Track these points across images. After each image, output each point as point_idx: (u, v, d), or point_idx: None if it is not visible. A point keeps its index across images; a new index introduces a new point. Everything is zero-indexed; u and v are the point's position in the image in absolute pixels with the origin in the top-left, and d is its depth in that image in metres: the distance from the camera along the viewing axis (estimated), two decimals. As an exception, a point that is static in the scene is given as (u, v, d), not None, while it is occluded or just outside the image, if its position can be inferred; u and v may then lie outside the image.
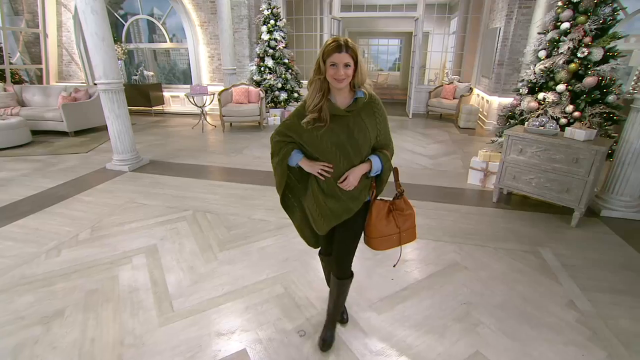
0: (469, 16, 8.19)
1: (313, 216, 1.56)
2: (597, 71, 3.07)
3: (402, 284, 2.32)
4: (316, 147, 1.41)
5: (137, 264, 2.51)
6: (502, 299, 2.18)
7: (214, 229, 3.00)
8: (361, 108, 1.40)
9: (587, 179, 2.86)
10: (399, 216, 1.55)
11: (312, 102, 1.36)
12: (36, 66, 8.43)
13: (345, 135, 1.38)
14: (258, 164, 4.74)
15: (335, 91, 1.38)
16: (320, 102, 1.35)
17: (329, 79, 1.32)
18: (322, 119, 1.36)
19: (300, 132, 1.42)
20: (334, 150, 1.38)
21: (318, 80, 1.35)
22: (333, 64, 1.29)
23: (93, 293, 2.17)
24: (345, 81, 1.31)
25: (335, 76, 1.30)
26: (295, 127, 1.43)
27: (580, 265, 2.50)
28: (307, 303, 2.12)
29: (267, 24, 6.93)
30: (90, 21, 3.74)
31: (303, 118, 1.39)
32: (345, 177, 1.42)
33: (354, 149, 1.40)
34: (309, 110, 1.37)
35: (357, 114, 1.39)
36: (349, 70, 1.31)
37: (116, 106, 4.24)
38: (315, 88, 1.36)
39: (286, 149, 1.48)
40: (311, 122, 1.36)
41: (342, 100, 1.40)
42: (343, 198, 1.47)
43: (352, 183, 1.42)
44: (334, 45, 1.28)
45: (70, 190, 3.79)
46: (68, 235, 2.85)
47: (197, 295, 2.19)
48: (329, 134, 1.37)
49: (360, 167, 1.43)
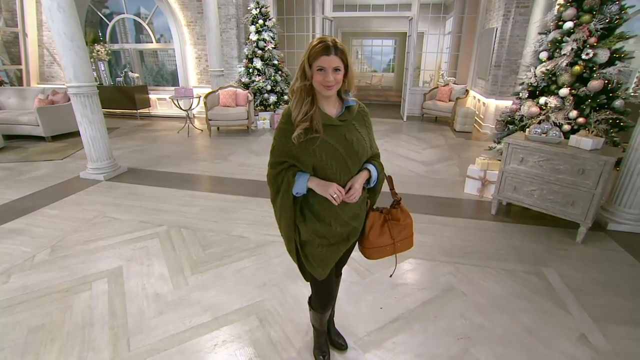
0: (464, 16, 7.98)
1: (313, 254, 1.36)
2: (603, 74, 2.84)
3: (392, 313, 2.06)
4: (310, 164, 1.23)
5: (97, 291, 2.24)
6: (504, 331, 1.93)
7: (188, 247, 2.73)
8: (354, 117, 1.27)
9: (594, 191, 2.63)
10: (394, 226, 1.42)
11: (301, 110, 1.19)
12: (16, 67, 8.09)
13: (343, 148, 1.23)
14: (243, 172, 4.47)
15: (322, 99, 1.22)
16: (310, 111, 1.18)
17: (316, 85, 1.16)
18: (315, 129, 1.18)
19: (294, 153, 1.24)
20: (332, 165, 1.22)
21: (304, 86, 1.18)
22: (320, 69, 1.13)
23: (37, 330, 1.89)
24: (334, 88, 1.16)
25: (324, 82, 1.14)
26: (287, 147, 1.24)
27: (590, 290, 2.27)
28: (283, 339, 1.86)
29: (256, 23, 6.66)
30: (57, 19, 3.45)
31: (291, 133, 1.20)
32: (349, 186, 1.25)
33: (354, 162, 1.26)
34: (298, 120, 1.19)
35: (349, 123, 1.26)
36: (339, 75, 1.15)
37: (89, 111, 3.95)
38: (301, 96, 1.19)
39: (289, 174, 1.26)
40: (303, 135, 1.18)
41: (331, 109, 1.25)
42: (345, 218, 1.31)
43: (358, 191, 1.26)
44: (321, 46, 1.12)
45: (35, 202, 3.49)
46: (23, 257, 2.56)
47: (160, 330, 1.92)
48: (325, 147, 1.20)
49: (360, 175, 1.28)
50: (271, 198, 1.37)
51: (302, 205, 1.33)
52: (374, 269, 2.44)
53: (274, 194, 1.34)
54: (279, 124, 1.28)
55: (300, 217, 1.34)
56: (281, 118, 1.27)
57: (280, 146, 1.27)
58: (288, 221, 1.34)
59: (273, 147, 1.30)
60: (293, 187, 1.25)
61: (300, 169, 1.27)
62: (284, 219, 1.35)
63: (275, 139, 1.29)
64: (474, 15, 7.60)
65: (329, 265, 1.38)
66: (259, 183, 4.08)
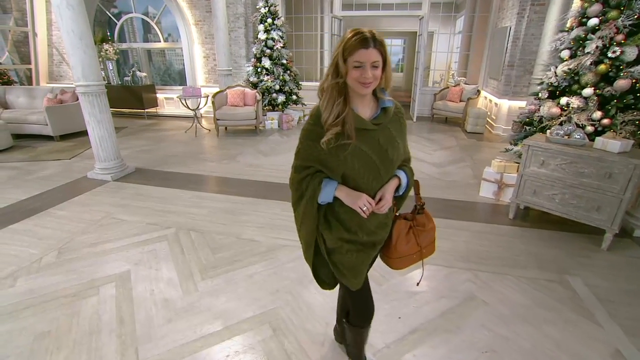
0: (475, 15, 7.83)
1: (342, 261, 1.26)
2: (631, 73, 2.71)
3: (411, 324, 1.96)
4: (340, 172, 1.13)
5: (105, 296, 2.17)
6: (530, 345, 1.82)
7: (198, 251, 2.66)
8: (389, 120, 1.15)
9: (622, 196, 2.50)
10: (420, 233, 1.34)
11: (332, 112, 1.07)
12: (25, 66, 8.12)
13: (376, 155, 1.12)
14: (251, 173, 4.40)
15: (356, 99, 1.11)
16: (343, 113, 1.07)
17: (352, 83, 1.05)
18: (347, 134, 1.06)
19: (322, 158, 1.13)
20: (363, 174, 1.12)
21: (336, 85, 1.06)
22: (358, 64, 1.01)
23: (43, 337, 1.83)
24: (372, 85, 1.05)
25: (361, 79, 1.02)
26: (315, 152, 1.13)
27: (620, 301, 2.14)
28: (298, 350, 1.77)
29: (264, 22, 6.59)
30: (65, 17, 3.40)
31: (319, 136, 1.09)
32: (379, 197, 1.16)
33: (387, 170, 1.16)
34: (329, 123, 1.07)
35: (384, 127, 1.14)
36: (377, 72, 1.03)
37: (97, 110, 3.90)
38: (332, 95, 1.07)
39: (315, 182, 1.16)
40: (333, 140, 1.07)
41: (365, 110, 1.14)
42: (372, 228, 1.22)
43: (389, 202, 1.17)
44: (358, 39, 0.99)
45: (43, 202, 3.45)
46: (30, 259, 2.51)
47: (170, 339, 1.85)
48: (358, 154, 1.09)
49: (391, 184, 1.19)
50: (293, 202, 1.27)
51: (327, 213, 1.23)
52: (390, 275, 2.34)
53: (296, 199, 1.24)
54: (306, 125, 1.16)
55: (325, 225, 1.24)
56: (309, 119, 1.16)
57: (307, 150, 1.16)
58: (310, 228, 1.25)
59: (298, 150, 1.20)
60: (319, 195, 1.16)
61: (327, 175, 1.17)
62: (306, 225, 1.26)
63: (302, 140, 1.18)
64: (485, 14, 7.45)
65: (361, 272, 1.29)
66: (267, 184, 4.00)
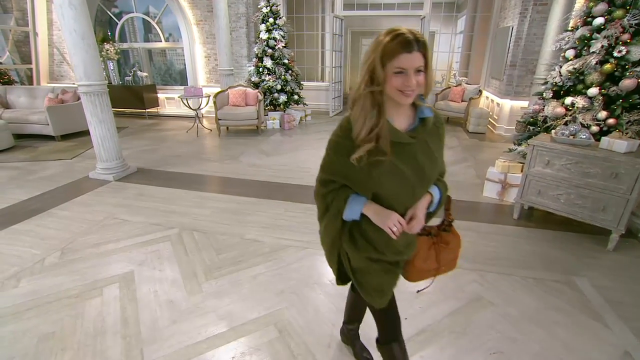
0: (477, 15, 7.82)
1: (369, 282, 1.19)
2: (637, 72, 2.69)
3: (417, 325, 1.95)
4: (371, 191, 1.02)
5: (108, 297, 2.15)
6: (540, 347, 1.81)
7: (201, 251, 2.64)
8: (428, 131, 1.03)
9: (628, 196, 2.49)
10: (442, 250, 1.24)
11: (365, 125, 0.94)
12: (26, 66, 8.10)
13: (412, 172, 1.00)
14: (253, 173, 4.38)
15: (392, 109, 0.99)
16: (377, 126, 0.94)
17: (391, 92, 0.92)
18: (381, 150, 0.94)
19: (351, 175, 1.02)
20: (397, 193, 1.02)
21: (370, 94, 0.93)
22: (400, 71, 0.89)
23: (47, 339, 1.81)
24: (415, 93, 0.93)
25: (403, 88, 0.90)
26: (342, 168, 1.02)
27: (628, 302, 2.13)
28: (305, 352, 1.76)
29: (266, 22, 6.58)
30: (68, 16, 3.39)
31: (349, 151, 0.97)
32: (410, 216, 1.05)
33: (423, 188, 1.06)
34: (361, 138, 0.95)
35: (422, 139, 1.02)
36: (421, 78, 0.91)
37: (99, 110, 3.89)
38: (365, 107, 0.94)
39: (341, 197, 1.07)
40: (365, 157, 0.95)
41: (401, 121, 1.01)
42: (399, 247, 1.12)
43: (421, 221, 1.06)
44: (399, 41, 0.87)
45: (45, 203, 3.43)
46: (32, 260, 2.49)
47: (175, 340, 1.83)
48: (393, 172, 0.99)
49: (423, 201, 1.08)
50: (318, 216, 1.19)
51: (353, 229, 1.13)
52: (396, 276, 2.33)
53: (321, 212, 1.17)
54: (334, 137, 1.04)
55: (350, 242, 1.14)
56: (337, 130, 1.04)
57: (334, 164, 1.06)
58: (333, 240, 1.19)
59: (324, 162, 1.10)
60: (344, 212, 1.07)
61: (353, 190, 1.07)
62: (329, 237, 1.19)
63: (329, 153, 1.07)
64: (487, 14, 7.44)
65: (387, 293, 1.21)
66: (270, 184, 3.99)
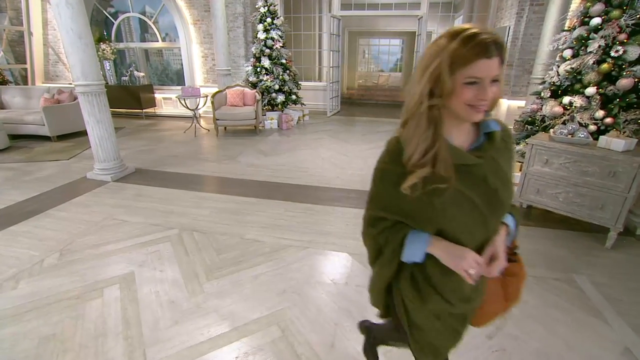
0: (474, 15, 7.87)
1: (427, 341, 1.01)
2: (634, 72, 2.72)
3: (420, 323, 1.95)
4: (434, 226, 0.84)
5: (109, 298, 2.14)
6: (540, 344, 1.82)
7: (202, 251, 2.63)
8: (497, 147, 0.86)
9: (626, 195, 2.51)
10: (510, 284, 0.99)
11: (418, 147, 0.77)
12: (21, 66, 8.02)
13: (483, 199, 0.82)
14: (252, 173, 4.37)
15: (452, 125, 0.82)
16: (434, 147, 0.77)
17: (459, 106, 0.75)
18: (440, 176, 0.78)
19: (407, 209, 0.84)
20: (465, 227, 0.83)
21: (426, 110, 0.76)
22: (474, 81, 0.72)
23: (48, 340, 1.79)
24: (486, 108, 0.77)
25: (476, 101, 0.73)
26: (395, 200, 0.84)
27: (627, 299, 2.15)
28: (308, 351, 1.76)
29: (264, 22, 6.56)
30: (65, 16, 3.36)
31: (400, 180, 0.80)
32: (489, 255, 0.85)
33: (497, 217, 0.87)
34: (414, 162, 0.78)
35: (490, 158, 0.84)
36: (496, 89, 0.75)
37: (97, 110, 3.86)
38: (420, 125, 0.77)
39: (397, 238, 0.88)
40: (420, 185, 0.78)
41: (463, 138, 0.85)
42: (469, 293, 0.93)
43: (503, 262, 0.86)
44: (478, 44, 0.69)
45: (42, 204, 3.40)
46: (31, 261, 2.47)
47: (177, 341, 1.82)
48: (458, 201, 0.81)
49: (501, 236, 0.88)
50: (369, 261, 1.00)
51: (415, 274, 0.92)
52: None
53: (372, 257, 0.97)
54: (380, 163, 0.87)
55: (412, 290, 0.93)
56: (384, 155, 0.87)
57: (384, 197, 0.87)
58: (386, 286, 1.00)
59: (372, 196, 0.91)
60: (403, 254, 0.88)
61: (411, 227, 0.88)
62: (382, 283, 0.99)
63: (376, 183, 0.89)
64: (484, 14, 7.48)
65: (443, 355, 1.05)
66: (269, 184, 3.98)
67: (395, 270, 0.94)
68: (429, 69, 0.75)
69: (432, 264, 0.88)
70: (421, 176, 0.77)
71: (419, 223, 0.85)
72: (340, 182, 4.04)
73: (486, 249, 0.86)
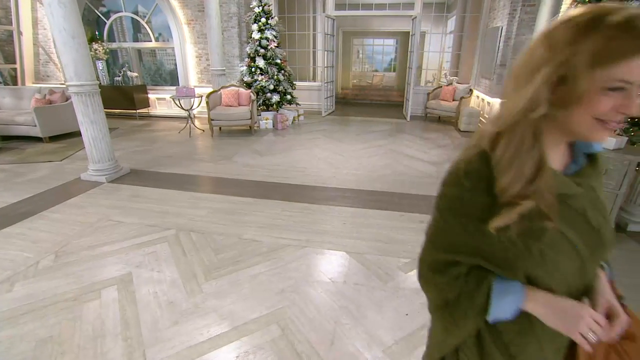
0: (467, 15, 7.95)
1: None
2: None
3: (419, 320, 1.98)
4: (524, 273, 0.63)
5: (107, 299, 2.12)
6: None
7: (199, 252, 2.63)
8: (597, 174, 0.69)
9: (617, 192, 2.57)
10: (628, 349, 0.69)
11: (521, 174, 0.58)
12: (10, 66, 7.89)
13: (585, 240, 0.64)
14: (248, 173, 4.37)
15: (551, 143, 0.63)
16: (539, 173, 0.58)
17: (581, 120, 0.57)
18: (540, 212, 0.59)
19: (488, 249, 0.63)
20: (561, 274, 0.64)
21: (534, 122, 0.58)
22: (620, 86, 0.53)
23: (45, 343, 1.77)
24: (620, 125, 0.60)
25: (611, 115, 0.55)
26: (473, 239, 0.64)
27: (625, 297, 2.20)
28: (309, 349, 1.77)
29: (258, 22, 6.56)
30: (57, 15, 3.32)
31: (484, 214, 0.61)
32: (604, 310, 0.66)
33: (598, 262, 0.69)
34: (513, 193, 0.58)
35: (588, 186, 0.66)
36: None
37: (91, 110, 3.82)
38: (524, 141, 0.58)
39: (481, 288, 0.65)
40: (517, 224, 0.59)
41: (556, 160, 0.66)
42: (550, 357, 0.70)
43: (624, 319, 0.66)
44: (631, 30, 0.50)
45: (36, 205, 3.36)
46: (26, 263, 2.44)
47: (177, 341, 1.82)
48: (558, 243, 0.62)
49: (606, 284, 0.70)
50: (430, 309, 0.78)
51: (483, 335, 0.70)
52: (394, 272, 2.36)
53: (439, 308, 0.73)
54: (453, 188, 0.65)
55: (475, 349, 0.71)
56: (460, 176, 0.64)
57: (458, 236, 0.66)
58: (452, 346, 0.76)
59: (436, 233, 0.70)
60: (490, 310, 0.64)
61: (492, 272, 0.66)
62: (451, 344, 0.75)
63: (445, 216, 0.67)
64: (476, 15, 7.56)
65: None
66: (266, 184, 3.98)
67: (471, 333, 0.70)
68: (553, 64, 0.54)
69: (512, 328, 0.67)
70: (522, 211, 0.58)
71: (504, 270, 0.64)
72: (336, 181, 4.05)
73: (596, 302, 0.65)
